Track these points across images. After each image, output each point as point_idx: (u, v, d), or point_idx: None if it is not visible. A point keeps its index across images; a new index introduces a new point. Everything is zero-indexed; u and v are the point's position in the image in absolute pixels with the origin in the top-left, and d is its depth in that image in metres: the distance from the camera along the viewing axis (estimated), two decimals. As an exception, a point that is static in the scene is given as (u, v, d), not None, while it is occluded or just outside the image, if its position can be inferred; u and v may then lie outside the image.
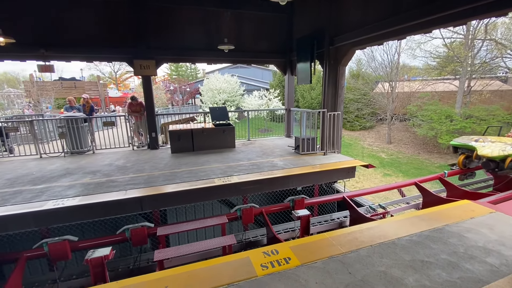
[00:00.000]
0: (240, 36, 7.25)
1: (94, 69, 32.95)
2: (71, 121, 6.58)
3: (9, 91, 20.94)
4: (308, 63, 6.20)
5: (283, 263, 2.36)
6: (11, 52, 5.83)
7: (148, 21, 6.51)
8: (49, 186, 4.41)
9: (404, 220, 3.16)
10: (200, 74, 37.48)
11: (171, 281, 2.16)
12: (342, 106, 6.32)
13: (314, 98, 22.30)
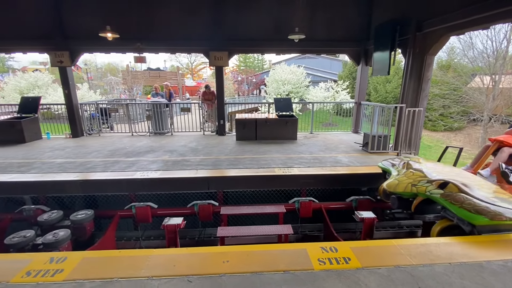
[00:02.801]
0: (312, 24, 6.99)
1: (175, 60, 36.94)
2: (156, 105, 7.59)
3: (111, 79, 25.34)
4: (387, 52, 5.58)
5: (342, 262, 2.27)
6: (115, 46, 6.99)
7: (224, 13, 6.88)
8: (138, 159, 5.25)
9: (497, 241, 2.62)
10: (267, 65, 37.93)
11: (231, 257, 2.33)
12: (426, 102, 5.52)
13: (389, 92, 20.07)
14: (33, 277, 2.08)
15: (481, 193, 2.77)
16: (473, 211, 2.60)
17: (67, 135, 7.63)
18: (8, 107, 9.46)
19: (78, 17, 6.80)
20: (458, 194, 2.77)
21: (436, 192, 2.86)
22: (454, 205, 2.68)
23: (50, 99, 14.49)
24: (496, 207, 2.62)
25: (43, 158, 5.36)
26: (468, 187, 2.83)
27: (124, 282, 2.05)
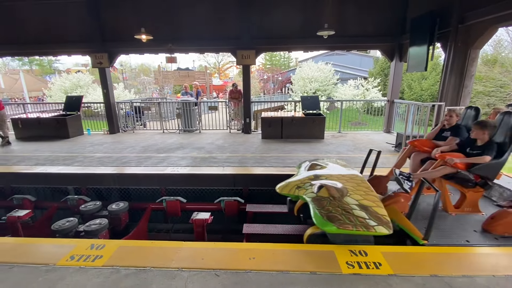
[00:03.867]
0: (342, 20, 6.75)
1: (203, 60, 37.92)
2: (185, 104, 7.86)
3: (144, 79, 26.72)
4: (424, 46, 5.21)
5: (372, 267, 2.18)
6: (148, 47, 7.35)
7: (252, 12, 6.90)
8: (168, 155, 5.48)
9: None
10: (293, 63, 37.43)
11: (257, 254, 2.35)
12: (468, 100, 5.08)
13: (425, 89, 18.77)
14: (76, 261, 2.27)
15: (348, 199, 2.57)
16: (325, 217, 2.38)
17: (105, 131, 8.19)
18: (55, 106, 10.41)
19: (115, 21, 7.25)
20: (324, 199, 2.58)
21: (310, 195, 2.68)
22: (315, 210, 2.48)
23: (90, 98, 15.66)
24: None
25: (85, 153, 5.82)
26: (341, 192, 2.64)
27: (156, 271, 2.15)
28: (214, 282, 2.03)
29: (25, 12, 7.26)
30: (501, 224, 2.67)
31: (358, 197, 2.60)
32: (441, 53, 14.90)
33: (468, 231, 2.74)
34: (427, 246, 2.48)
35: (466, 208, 3.02)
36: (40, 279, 2.08)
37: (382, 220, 2.35)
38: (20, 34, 7.47)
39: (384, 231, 2.27)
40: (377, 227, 2.31)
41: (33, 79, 23.39)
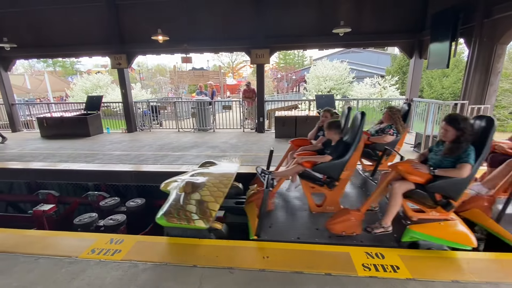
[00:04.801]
0: (359, 16, 6.59)
1: (217, 60, 38.26)
2: (200, 103, 7.97)
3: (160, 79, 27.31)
4: (447, 42, 4.99)
5: (390, 270, 2.12)
6: (165, 47, 7.49)
7: (266, 10, 6.88)
8: (183, 154, 5.58)
9: None
10: (307, 61, 36.97)
11: (271, 253, 2.35)
12: (494, 99, 4.83)
13: (447, 88, 18.01)
14: (96, 255, 2.37)
15: (195, 194, 2.76)
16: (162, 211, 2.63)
17: (123, 130, 8.46)
18: (76, 105, 10.86)
19: (133, 23, 7.45)
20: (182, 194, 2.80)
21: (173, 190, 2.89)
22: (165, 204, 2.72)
23: (109, 97, 16.20)
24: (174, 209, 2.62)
25: (104, 150, 6.04)
26: (195, 187, 2.84)
27: (172, 267, 2.20)
28: (228, 280, 2.05)
29: (49, 16, 7.61)
30: (337, 222, 2.60)
31: (206, 193, 2.79)
32: (464, 49, 14.23)
33: (310, 229, 2.73)
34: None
35: (328, 207, 2.96)
36: (63, 271, 2.19)
37: (206, 215, 2.54)
38: (44, 37, 7.85)
39: (201, 225, 2.47)
40: (197, 220, 2.49)
41: (56, 80, 24.51)
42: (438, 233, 2.34)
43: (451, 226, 2.39)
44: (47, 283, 2.05)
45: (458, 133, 2.29)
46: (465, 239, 2.31)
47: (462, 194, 2.33)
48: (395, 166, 2.49)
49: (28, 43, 7.88)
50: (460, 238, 2.33)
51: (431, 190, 2.33)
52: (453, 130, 2.31)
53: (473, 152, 2.24)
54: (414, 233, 2.35)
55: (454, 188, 2.31)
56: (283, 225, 2.82)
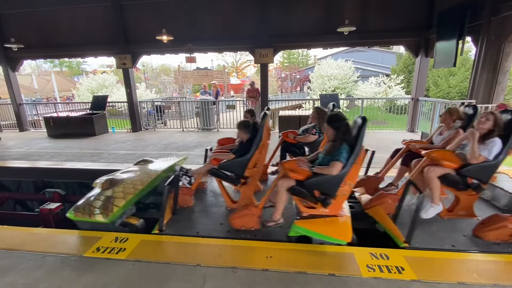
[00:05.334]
0: (364, 15, 6.53)
1: (221, 59, 38.30)
2: (204, 103, 7.99)
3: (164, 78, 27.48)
4: (453, 41, 4.92)
5: (394, 271, 2.10)
6: (169, 47, 7.52)
7: (270, 10, 6.86)
8: (188, 153, 5.60)
9: None
10: (311, 60, 36.79)
11: (274, 253, 2.34)
12: (502, 98, 4.75)
13: (453, 87, 17.75)
14: (101, 253, 2.39)
15: (109, 191, 2.86)
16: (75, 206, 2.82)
17: (128, 129, 8.52)
18: (82, 105, 10.98)
19: (138, 23, 7.50)
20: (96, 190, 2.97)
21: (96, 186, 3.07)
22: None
23: (114, 97, 16.34)
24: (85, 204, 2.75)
25: (109, 150, 6.09)
26: (112, 184, 2.94)
27: (176, 266, 2.21)
28: (231, 279, 2.05)
29: (56, 17, 7.70)
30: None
31: (119, 190, 2.88)
32: (471, 47, 14.02)
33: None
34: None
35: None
36: (70, 268, 2.21)
37: (107, 210, 2.67)
38: (51, 38, 7.95)
39: (100, 219, 2.61)
40: (98, 215, 2.64)
41: (63, 80, 24.80)
42: (318, 228, 2.40)
43: (334, 222, 2.44)
44: (54, 281, 2.08)
45: (335, 132, 2.40)
46: (341, 235, 2.38)
47: (337, 190, 2.37)
48: (283, 164, 2.58)
49: (35, 44, 7.99)
50: (336, 234, 2.40)
51: (308, 186, 2.40)
52: (331, 129, 2.43)
53: (345, 151, 2.35)
54: (298, 228, 2.43)
55: (327, 185, 2.38)
56: (191, 220, 2.96)
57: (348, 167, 2.30)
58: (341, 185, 2.34)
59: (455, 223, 2.77)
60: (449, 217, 2.84)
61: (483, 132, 2.54)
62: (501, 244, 2.43)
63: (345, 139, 2.38)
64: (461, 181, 2.55)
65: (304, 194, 2.42)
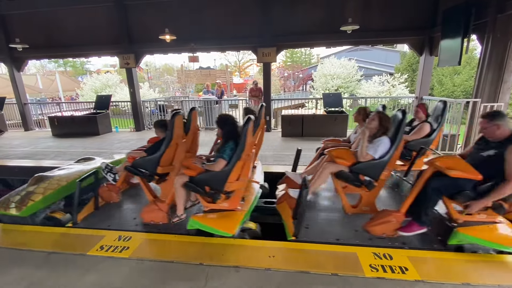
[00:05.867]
0: (367, 13, 6.48)
1: (224, 58, 38.32)
2: (206, 102, 8.00)
3: (167, 78, 27.54)
4: (458, 39, 4.86)
5: (398, 271, 2.09)
6: (172, 47, 7.54)
7: (272, 8, 6.84)
8: (190, 152, 5.61)
9: None
10: (314, 59, 36.64)
11: (276, 253, 2.34)
12: (508, 96, 4.68)
13: (458, 85, 17.58)
14: (105, 251, 2.41)
15: (33, 187, 3.15)
16: None
17: (131, 129, 8.57)
18: (86, 104, 11.06)
19: (141, 23, 7.52)
20: (23, 186, 3.28)
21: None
22: None
23: (118, 97, 16.43)
24: None
25: (113, 149, 6.13)
26: (39, 180, 3.24)
27: (178, 264, 2.22)
28: (234, 278, 2.05)
29: (60, 17, 7.76)
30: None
31: (43, 186, 3.14)
32: (476, 45, 13.86)
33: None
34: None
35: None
36: (74, 266, 2.23)
37: (22, 203, 2.96)
38: (55, 38, 8.01)
39: (12, 213, 2.92)
40: (12, 208, 2.94)
41: (67, 79, 24.98)
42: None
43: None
44: (58, 279, 2.09)
45: (222, 132, 2.66)
46: (226, 228, 2.45)
47: (223, 186, 2.49)
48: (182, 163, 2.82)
49: (40, 44, 8.06)
50: (222, 227, 2.46)
51: (197, 182, 2.53)
52: (219, 129, 2.70)
53: (229, 148, 2.52)
54: (193, 222, 2.48)
55: (214, 181, 2.53)
56: (108, 214, 3.04)
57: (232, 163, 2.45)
58: None
59: (353, 219, 2.84)
60: (353, 213, 2.90)
61: (372, 132, 2.71)
62: (385, 238, 2.52)
63: (230, 137, 2.58)
64: (354, 177, 2.69)
65: (195, 189, 2.55)
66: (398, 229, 2.49)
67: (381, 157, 2.65)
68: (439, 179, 2.30)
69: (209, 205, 2.60)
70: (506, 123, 2.21)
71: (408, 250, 2.35)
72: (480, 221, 2.36)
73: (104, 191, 3.31)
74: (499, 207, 2.23)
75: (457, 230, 2.32)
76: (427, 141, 3.36)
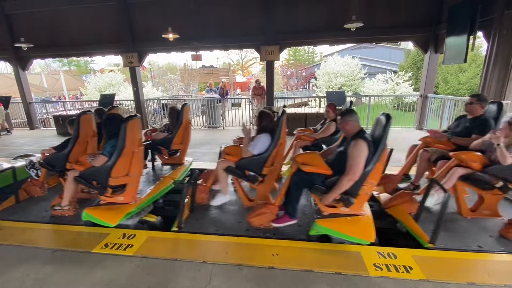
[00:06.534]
0: (371, 10, 6.42)
1: (226, 57, 38.30)
2: (209, 101, 8.01)
3: (170, 77, 27.60)
4: (464, 36, 4.80)
5: (402, 270, 2.07)
6: (175, 45, 7.55)
7: (275, 7, 6.81)
8: (194, 151, 5.64)
9: None
10: (317, 57, 36.46)
11: (280, 251, 2.34)
12: (515, 94, 4.62)
13: (464, 83, 17.38)
14: (109, 249, 2.42)
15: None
16: None
17: (135, 127, 8.59)
18: (90, 103, 11.13)
19: (144, 22, 7.54)
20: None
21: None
22: None
23: (122, 95, 16.51)
24: None
25: (117, 147, 6.16)
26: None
27: (182, 262, 2.23)
28: (237, 276, 2.06)
29: (64, 16, 7.80)
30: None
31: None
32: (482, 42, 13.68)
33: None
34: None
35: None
36: (79, 263, 2.25)
37: None
38: (59, 37, 8.06)
39: None
40: None
41: (71, 79, 25.20)
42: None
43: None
44: (63, 276, 2.12)
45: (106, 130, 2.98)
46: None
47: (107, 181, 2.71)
48: None
49: (44, 43, 8.12)
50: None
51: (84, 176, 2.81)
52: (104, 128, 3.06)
53: (109, 145, 2.75)
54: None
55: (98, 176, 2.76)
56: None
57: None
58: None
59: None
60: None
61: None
62: (261, 229, 2.56)
63: (112, 136, 2.76)
64: (240, 172, 2.89)
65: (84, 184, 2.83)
66: (273, 220, 2.62)
67: (260, 153, 2.85)
68: (297, 174, 2.49)
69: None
70: (354, 120, 2.41)
71: (413, 249, 2.33)
72: (343, 213, 2.45)
73: (28, 186, 3.52)
74: (346, 200, 2.37)
75: (316, 222, 2.42)
76: (333, 138, 3.64)
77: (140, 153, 2.93)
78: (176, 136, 3.92)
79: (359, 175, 2.22)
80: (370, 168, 2.25)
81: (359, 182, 2.28)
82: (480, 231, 2.57)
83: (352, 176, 2.21)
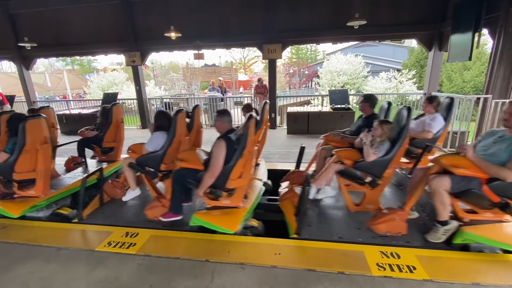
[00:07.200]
0: (375, 8, 6.36)
1: (229, 56, 38.25)
2: (212, 99, 8.01)
3: (173, 75, 27.65)
4: (469, 33, 4.74)
5: (405, 270, 2.06)
6: (177, 44, 7.55)
7: (278, 4, 6.76)
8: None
9: None
10: (320, 56, 36.28)
11: (283, 250, 2.34)
12: (520, 92, 4.56)
13: (468, 81, 17.22)
14: (112, 247, 2.44)
15: None
16: None
17: (138, 126, 8.64)
18: (94, 102, 11.19)
19: (146, 21, 7.54)
20: None
21: None
22: None
23: (124, 94, 16.58)
24: None
25: (120, 146, 6.18)
26: None
27: (185, 261, 2.24)
28: (240, 275, 2.06)
29: (67, 15, 7.83)
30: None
31: None
32: (487, 40, 13.51)
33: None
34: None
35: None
36: (83, 262, 2.27)
37: None
38: (63, 36, 8.10)
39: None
40: None
41: (75, 78, 25.37)
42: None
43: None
44: (67, 273, 2.13)
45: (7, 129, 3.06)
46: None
47: None
48: None
49: (48, 42, 8.15)
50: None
51: None
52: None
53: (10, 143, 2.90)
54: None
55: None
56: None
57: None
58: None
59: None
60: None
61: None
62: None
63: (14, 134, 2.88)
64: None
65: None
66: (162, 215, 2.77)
67: (156, 151, 2.91)
68: (177, 171, 2.71)
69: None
70: (227, 121, 2.67)
71: (416, 249, 2.31)
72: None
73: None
74: (215, 193, 2.48)
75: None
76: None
77: (45, 150, 3.09)
78: (106, 134, 4.21)
79: (218, 171, 2.41)
80: (232, 164, 2.46)
81: (223, 177, 2.48)
82: (353, 224, 2.70)
83: (212, 172, 2.42)
